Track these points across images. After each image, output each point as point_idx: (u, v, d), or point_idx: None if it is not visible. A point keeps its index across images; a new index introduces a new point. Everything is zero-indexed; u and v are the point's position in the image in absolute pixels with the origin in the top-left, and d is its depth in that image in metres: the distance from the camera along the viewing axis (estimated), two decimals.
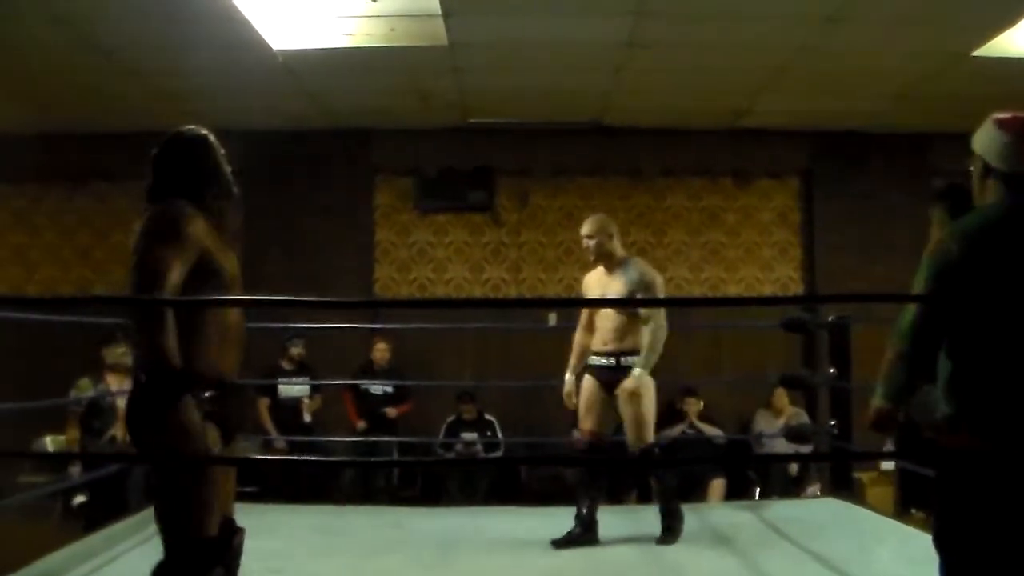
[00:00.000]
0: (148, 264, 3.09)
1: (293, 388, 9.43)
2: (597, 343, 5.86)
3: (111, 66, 8.27)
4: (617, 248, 5.85)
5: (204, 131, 3.51)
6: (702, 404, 9.43)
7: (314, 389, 9.53)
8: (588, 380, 5.87)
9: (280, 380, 9.37)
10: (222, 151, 3.52)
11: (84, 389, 7.57)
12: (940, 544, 2.80)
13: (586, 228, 5.84)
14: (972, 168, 2.97)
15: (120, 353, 7.43)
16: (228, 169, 3.51)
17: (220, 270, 3.28)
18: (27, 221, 10.77)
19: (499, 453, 9.64)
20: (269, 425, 9.30)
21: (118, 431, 7.34)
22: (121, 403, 7.30)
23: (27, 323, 6.85)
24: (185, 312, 3.15)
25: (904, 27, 7.45)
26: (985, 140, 2.89)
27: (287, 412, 9.40)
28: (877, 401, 2.90)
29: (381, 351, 9.66)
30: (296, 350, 9.42)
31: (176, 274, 3.11)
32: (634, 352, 5.70)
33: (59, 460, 8.69)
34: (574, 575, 5.07)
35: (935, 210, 3.95)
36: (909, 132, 10.20)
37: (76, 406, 7.57)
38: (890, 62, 8.24)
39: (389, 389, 9.51)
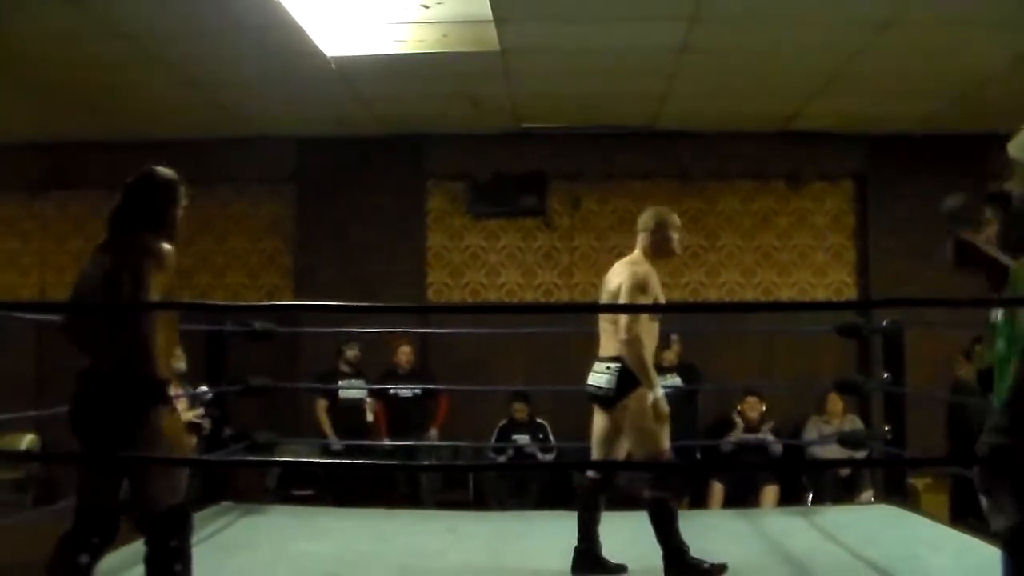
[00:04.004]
0: (144, 286, 3.67)
1: (352, 391, 9.49)
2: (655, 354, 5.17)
3: (166, 75, 8.40)
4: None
5: (177, 178, 4.01)
6: (763, 406, 9.35)
7: (370, 392, 9.57)
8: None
9: (340, 384, 9.43)
10: (184, 201, 4.03)
11: None
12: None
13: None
14: (1017, 175, 2.85)
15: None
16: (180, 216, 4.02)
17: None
18: (86, 228, 10.92)
19: (551, 457, 9.62)
20: (327, 426, 9.35)
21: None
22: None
23: None
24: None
25: (960, 29, 7.37)
26: None
27: (348, 414, 9.45)
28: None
29: (405, 354, 9.69)
30: (352, 352, 9.48)
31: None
32: None
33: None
34: None
35: (987, 210, 3.89)
36: (967, 134, 10.07)
37: None
38: (946, 65, 8.15)
39: (418, 391, 9.53)
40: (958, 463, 7.49)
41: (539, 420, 9.76)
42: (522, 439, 9.55)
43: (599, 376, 5.04)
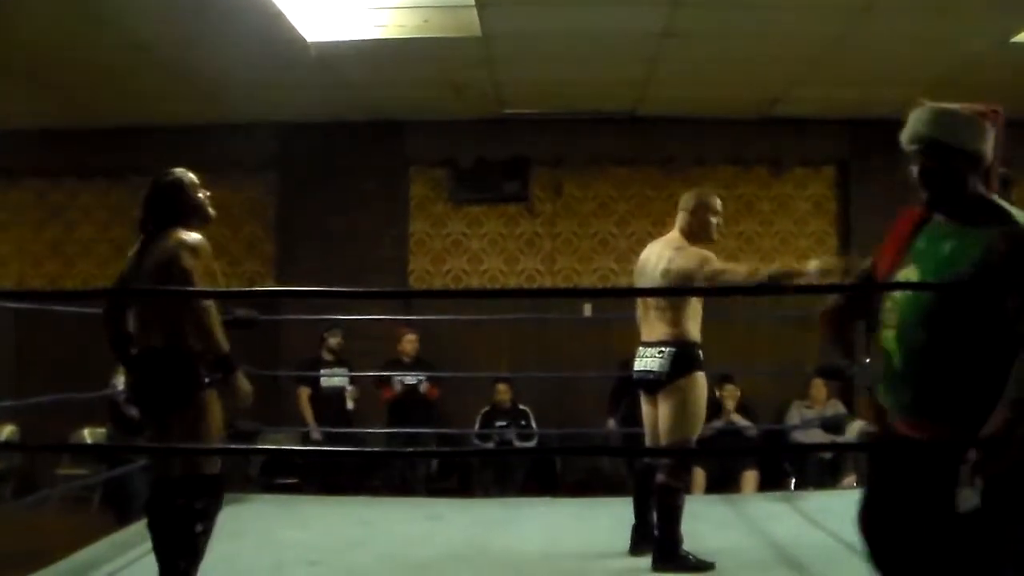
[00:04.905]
0: (189, 276, 4.06)
1: (334, 378, 9.45)
2: None
3: (146, 62, 8.32)
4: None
5: (181, 175, 4.34)
6: (739, 392, 9.38)
7: (352, 380, 9.52)
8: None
9: (322, 372, 9.38)
10: (198, 191, 4.36)
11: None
12: None
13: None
14: (939, 162, 2.79)
15: None
16: (204, 198, 4.37)
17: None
18: (64, 216, 10.88)
19: (533, 443, 9.61)
20: (309, 415, 9.31)
21: None
22: None
23: (66, 316, 6.92)
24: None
25: (941, 14, 7.36)
26: (976, 133, 2.75)
27: (329, 402, 9.41)
28: None
29: (411, 342, 9.63)
30: (335, 340, 9.43)
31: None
32: None
33: (96, 452, 8.80)
34: (608, 565, 5.06)
35: None
36: None
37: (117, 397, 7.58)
38: (927, 50, 8.15)
39: (422, 378, 9.49)
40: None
41: (521, 407, 9.75)
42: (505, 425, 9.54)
43: (652, 361, 4.97)
